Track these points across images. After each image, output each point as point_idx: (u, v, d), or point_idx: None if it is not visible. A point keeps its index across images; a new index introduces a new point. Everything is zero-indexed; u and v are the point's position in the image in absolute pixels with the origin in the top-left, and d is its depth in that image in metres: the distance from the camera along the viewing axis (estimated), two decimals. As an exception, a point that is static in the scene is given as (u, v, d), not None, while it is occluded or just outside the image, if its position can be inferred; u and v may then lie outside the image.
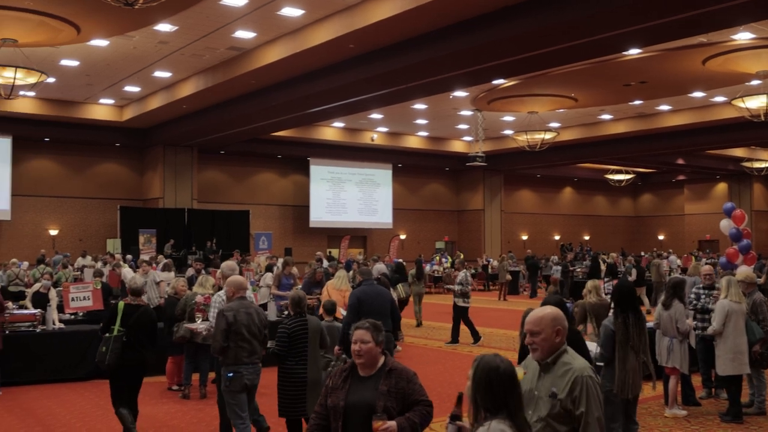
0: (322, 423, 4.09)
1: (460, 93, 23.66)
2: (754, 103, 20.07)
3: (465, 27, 15.10)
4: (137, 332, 7.08)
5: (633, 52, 18.07)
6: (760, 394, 8.51)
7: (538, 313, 3.65)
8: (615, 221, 47.52)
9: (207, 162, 30.95)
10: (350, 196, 35.08)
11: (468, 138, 34.03)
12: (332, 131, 31.12)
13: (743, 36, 17.02)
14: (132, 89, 23.59)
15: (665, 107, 26.97)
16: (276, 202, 33.86)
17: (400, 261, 19.24)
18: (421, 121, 30.17)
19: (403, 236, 36.60)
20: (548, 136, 26.70)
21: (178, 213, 28.32)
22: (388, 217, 36.33)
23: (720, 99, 24.73)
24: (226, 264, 8.36)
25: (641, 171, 43.41)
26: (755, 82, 20.80)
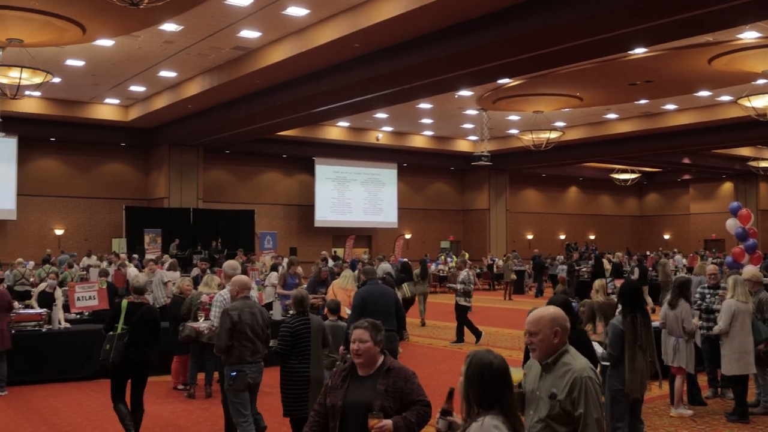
0: (321, 421, 4.09)
1: (466, 92, 23.64)
2: (761, 102, 20.00)
3: (469, 26, 15.09)
4: (141, 330, 7.08)
5: (638, 52, 18.01)
6: (767, 394, 8.48)
7: (537, 314, 3.63)
8: (620, 221, 47.42)
9: (212, 161, 30.97)
10: (355, 196, 35.07)
11: (473, 137, 34.00)
12: (337, 131, 31.13)
13: (749, 35, 16.96)
14: (137, 89, 23.64)
15: (671, 106, 26.91)
16: (281, 202, 33.87)
17: (406, 260, 19.21)
18: (427, 121, 30.16)
19: (408, 236, 36.60)
20: (553, 136, 26.68)
21: (184, 213, 28.35)
22: (393, 217, 36.31)
23: (726, 98, 24.67)
24: (228, 263, 8.36)
25: (647, 170, 43.30)
26: (761, 81, 20.76)
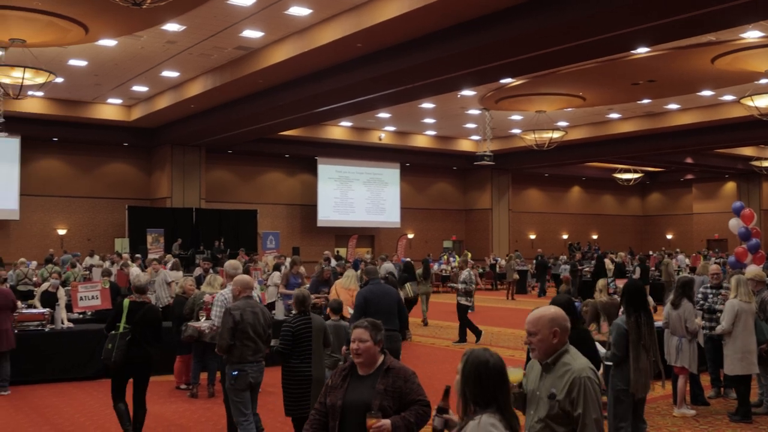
0: (322, 420, 4.09)
1: (468, 92, 23.61)
2: (763, 102, 19.97)
3: (471, 26, 15.07)
4: (143, 329, 7.08)
5: (641, 51, 17.98)
6: (770, 394, 8.48)
7: (537, 314, 3.61)
8: (623, 220, 47.39)
9: (215, 161, 31.00)
10: (358, 196, 35.07)
11: (476, 137, 33.97)
12: (340, 130, 31.13)
13: (752, 34, 16.93)
14: (140, 89, 23.65)
15: (674, 106, 26.87)
16: (284, 202, 33.89)
17: (409, 260, 19.21)
18: (429, 120, 30.14)
19: (411, 235, 36.59)
20: (556, 135, 26.66)
21: (186, 212, 28.39)
22: (396, 217, 36.31)
23: (729, 98, 24.62)
24: (229, 263, 8.36)
25: (649, 170, 43.23)
26: (764, 81, 20.71)
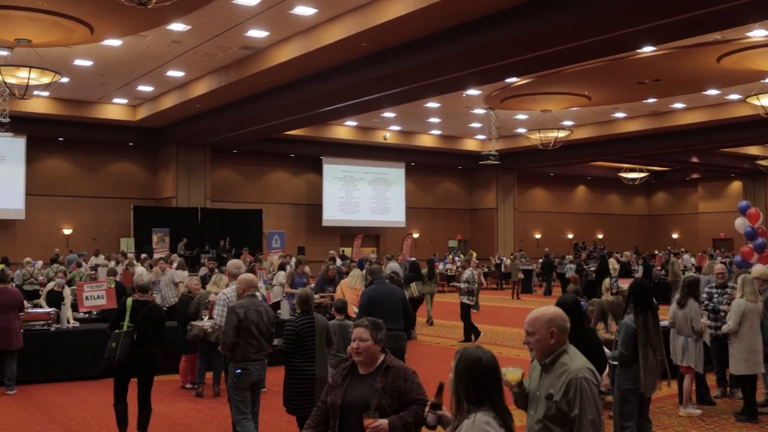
0: (323, 417, 4.10)
1: (473, 91, 23.59)
2: (769, 101, 19.94)
3: (476, 26, 15.05)
4: (146, 328, 7.10)
5: (647, 50, 17.94)
6: (776, 394, 8.45)
7: (536, 314, 3.58)
8: (629, 220, 47.31)
9: (220, 161, 31.04)
10: (363, 195, 35.08)
11: (481, 136, 33.95)
12: (345, 130, 31.14)
13: (758, 33, 16.87)
14: (145, 89, 23.69)
15: (679, 105, 26.81)
16: (289, 201, 33.91)
17: (414, 260, 19.19)
18: (434, 120, 30.13)
19: (416, 235, 36.58)
20: (561, 135, 26.64)
21: (191, 212, 28.41)
22: (401, 216, 36.31)
23: (734, 97, 24.57)
24: (232, 262, 8.38)
25: (655, 169, 43.16)
26: (770, 80, 20.67)
